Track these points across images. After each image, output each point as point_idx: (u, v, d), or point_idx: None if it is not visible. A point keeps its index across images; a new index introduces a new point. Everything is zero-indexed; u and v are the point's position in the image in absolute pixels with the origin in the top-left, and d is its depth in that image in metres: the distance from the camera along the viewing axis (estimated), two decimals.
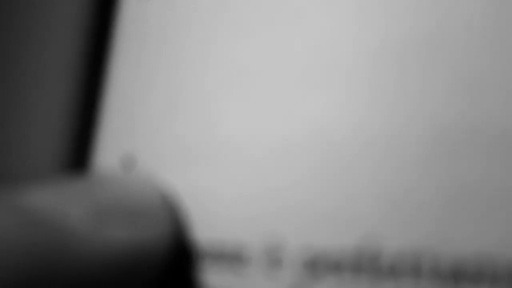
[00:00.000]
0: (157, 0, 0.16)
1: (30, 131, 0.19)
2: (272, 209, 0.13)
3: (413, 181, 0.11)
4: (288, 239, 0.12)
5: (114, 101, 0.17)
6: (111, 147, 0.16)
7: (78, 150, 0.18)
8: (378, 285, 0.11)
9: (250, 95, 0.13)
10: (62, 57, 0.18)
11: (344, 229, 0.12)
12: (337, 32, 0.12)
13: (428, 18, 0.11)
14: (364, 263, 0.11)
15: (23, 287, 0.11)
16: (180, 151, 0.14)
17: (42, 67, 0.19)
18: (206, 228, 0.14)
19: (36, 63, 0.19)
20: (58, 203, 0.12)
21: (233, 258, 0.13)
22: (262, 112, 0.13)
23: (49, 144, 0.18)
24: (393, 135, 0.11)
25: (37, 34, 0.19)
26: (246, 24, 0.14)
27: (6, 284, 0.11)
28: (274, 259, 0.12)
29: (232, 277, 0.13)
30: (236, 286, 0.13)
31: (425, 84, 0.11)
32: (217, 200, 0.13)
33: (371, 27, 0.12)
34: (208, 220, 0.14)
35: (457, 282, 0.10)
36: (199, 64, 0.15)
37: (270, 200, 0.13)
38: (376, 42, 0.12)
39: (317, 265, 0.12)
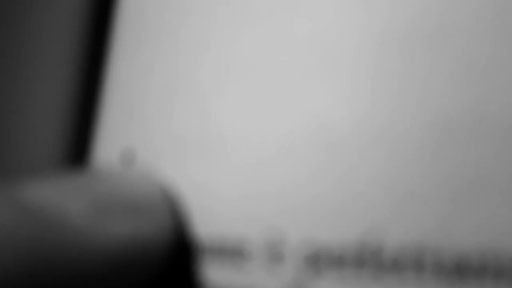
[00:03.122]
0: None
1: (30, 126, 0.19)
2: (273, 203, 0.12)
3: (416, 174, 0.11)
4: (289, 233, 0.12)
5: (113, 96, 0.17)
6: (111, 141, 0.16)
7: (78, 145, 0.18)
8: (381, 279, 0.11)
9: (250, 89, 0.13)
10: (61, 53, 0.18)
11: (346, 223, 0.11)
12: (339, 24, 0.12)
13: (434, 8, 0.11)
14: (367, 258, 0.11)
15: (22, 282, 0.11)
16: (180, 145, 0.14)
17: (42, 63, 0.19)
18: (207, 222, 0.13)
19: (36, 58, 0.19)
20: (57, 198, 0.12)
21: (234, 253, 0.13)
22: (262, 106, 0.13)
23: (48, 139, 0.18)
24: (396, 128, 0.11)
25: (36, 29, 0.19)
26: (245, 15, 0.14)
27: (5, 278, 0.11)
28: (275, 253, 0.12)
29: (233, 271, 0.13)
30: (237, 281, 0.13)
31: (430, 77, 0.11)
32: (217, 195, 0.13)
33: (375, 18, 0.12)
34: (208, 214, 0.14)
35: (461, 276, 0.10)
36: (198, 58, 0.14)
37: (271, 194, 0.13)
38: (381, 34, 0.12)
39: (319, 259, 0.12)
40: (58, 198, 0.12)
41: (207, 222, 0.13)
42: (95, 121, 0.17)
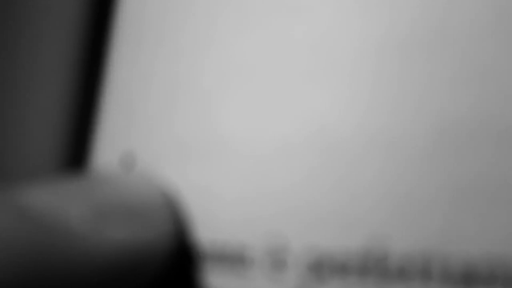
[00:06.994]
0: None
1: (29, 130, 0.18)
2: (275, 209, 0.12)
3: (420, 178, 0.11)
4: (292, 240, 0.12)
5: (113, 100, 0.17)
6: (111, 145, 0.16)
7: (78, 149, 0.18)
8: None
9: (251, 92, 0.13)
10: (60, 56, 0.18)
11: (349, 229, 0.11)
12: (339, 28, 0.12)
13: (433, 13, 0.11)
14: (371, 265, 0.11)
15: (22, 287, 0.11)
16: (181, 149, 0.14)
17: (41, 66, 0.19)
18: (208, 228, 0.13)
19: (34, 61, 0.19)
20: (57, 202, 0.12)
21: (235, 259, 0.13)
22: (264, 110, 0.13)
23: (48, 143, 0.18)
24: (397, 132, 0.11)
25: (35, 32, 0.19)
26: (246, 19, 0.14)
27: (5, 284, 0.11)
28: (277, 260, 0.12)
29: (234, 278, 0.13)
30: None
31: (429, 80, 0.11)
32: (219, 200, 0.13)
33: (374, 22, 0.12)
34: (209, 220, 0.13)
35: (468, 285, 0.10)
36: (199, 61, 0.14)
37: (273, 200, 0.12)
38: (380, 38, 0.12)
39: (322, 267, 0.12)
40: (58, 203, 0.12)
41: (209, 227, 0.13)
42: (95, 124, 0.17)
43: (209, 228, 0.13)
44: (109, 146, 0.16)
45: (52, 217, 0.12)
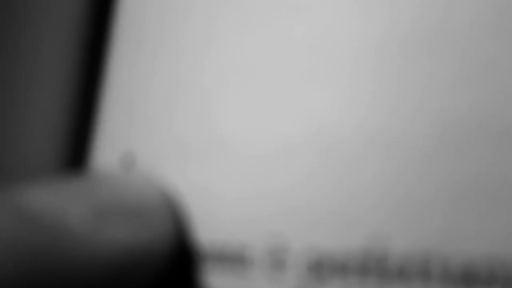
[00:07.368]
0: None
1: (29, 130, 0.18)
2: (275, 209, 0.12)
3: (420, 178, 0.11)
4: (292, 240, 0.12)
5: (113, 99, 0.17)
6: (111, 145, 0.16)
7: (78, 149, 0.18)
8: None
9: (251, 92, 0.13)
10: (60, 56, 0.18)
11: (349, 229, 0.11)
12: (339, 28, 0.12)
13: (434, 13, 0.11)
14: (371, 265, 0.11)
15: (22, 287, 0.11)
16: (181, 149, 0.14)
17: (41, 66, 0.19)
18: (208, 228, 0.13)
19: (34, 61, 0.19)
20: (57, 202, 0.12)
21: (235, 259, 0.13)
22: (264, 110, 0.13)
23: (48, 143, 0.18)
24: (397, 132, 0.11)
25: (34, 32, 0.19)
26: (246, 19, 0.14)
27: (5, 284, 0.11)
28: (277, 260, 0.12)
29: (234, 279, 0.13)
30: None
31: (429, 80, 0.11)
32: (219, 200, 0.13)
33: (374, 22, 0.12)
34: (209, 220, 0.13)
35: (468, 285, 0.10)
36: (199, 61, 0.14)
37: (273, 200, 0.12)
38: (380, 38, 0.12)
39: (322, 267, 0.12)
40: (58, 203, 0.12)
41: (209, 228, 0.13)
42: (95, 124, 0.17)
43: (209, 228, 0.13)
44: (109, 146, 0.16)
45: (52, 217, 0.12)
